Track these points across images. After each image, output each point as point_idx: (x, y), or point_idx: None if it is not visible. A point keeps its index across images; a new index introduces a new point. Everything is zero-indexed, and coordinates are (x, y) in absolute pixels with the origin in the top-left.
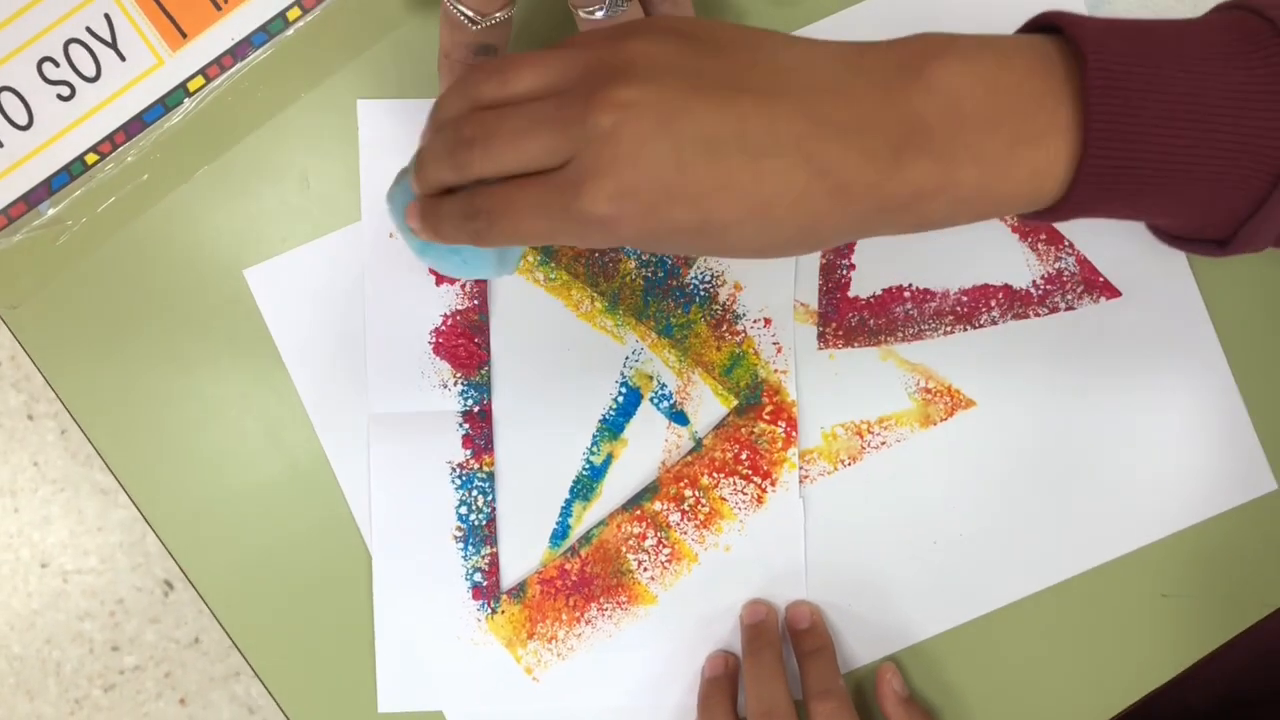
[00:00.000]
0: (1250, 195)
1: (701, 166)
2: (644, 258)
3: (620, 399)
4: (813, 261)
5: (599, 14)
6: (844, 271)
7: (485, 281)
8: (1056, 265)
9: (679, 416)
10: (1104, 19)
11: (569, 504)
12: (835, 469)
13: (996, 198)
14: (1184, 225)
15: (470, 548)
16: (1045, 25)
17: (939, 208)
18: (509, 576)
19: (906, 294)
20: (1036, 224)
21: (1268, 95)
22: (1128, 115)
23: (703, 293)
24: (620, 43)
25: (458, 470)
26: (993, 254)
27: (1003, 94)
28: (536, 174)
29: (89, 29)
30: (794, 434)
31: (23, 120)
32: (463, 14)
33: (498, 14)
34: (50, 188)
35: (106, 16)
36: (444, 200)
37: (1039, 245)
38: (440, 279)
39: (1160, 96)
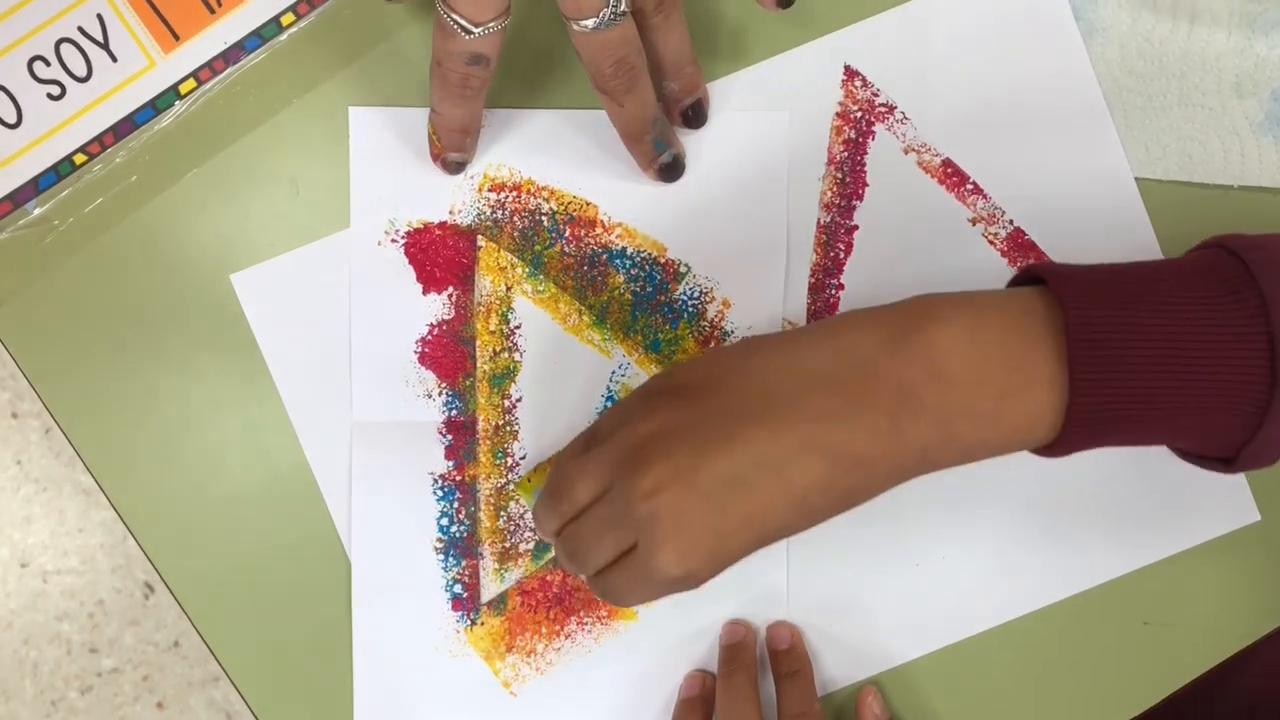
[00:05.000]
0: (1240, 428)
1: (735, 502)
2: (632, 272)
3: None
4: (801, 280)
5: (590, 25)
6: (832, 291)
7: (470, 293)
8: None
9: None
10: (1085, 269)
11: None
12: None
13: (993, 445)
14: (1186, 448)
15: (451, 559)
16: (1032, 277)
17: (946, 457)
18: (489, 588)
19: None
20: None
21: (1242, 339)
22: (1109, 365)
23: (691, 309)
24: (627, 430)
25: (440, 481)
26: (981, 275)
27: (984, 351)
28: (626, 555)
29: (81, 29)
30: None
31: (11, 119)
32: (456, 23)
33: (491, 23)
34: (37, 187)
35: (99, 17)
36: (587, 581)
37: None
38: (428, 288)
39: (1140, 345)
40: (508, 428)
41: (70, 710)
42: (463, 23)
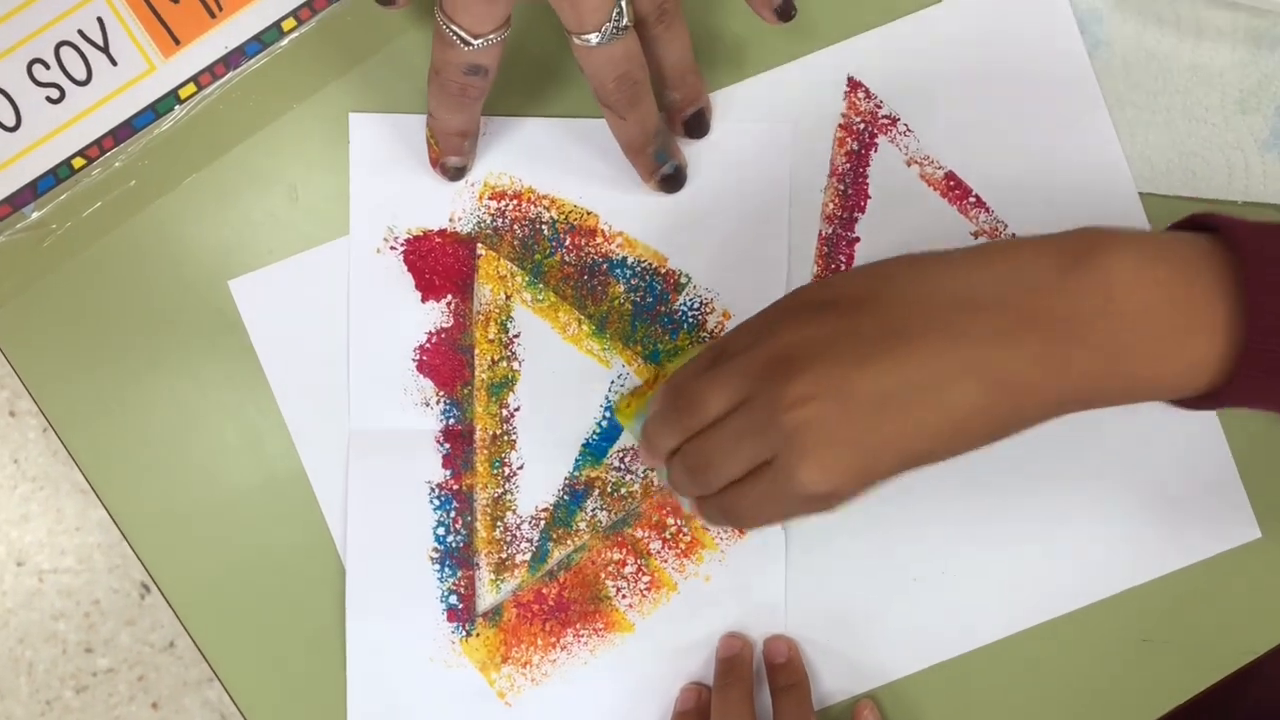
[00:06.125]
0: None
1: (888, 420)
2: (632, 282)
3: (604, 424)
4: None
5: (593, 40)
6: None
7: (470, 301)
8: None
9: None
10: (1253, 222)
11: (549, 528)
12: None
13: (1154, 387)
14: None
15: (446, 569)
16: (1197, 225)
17: (1106, 393)
18: (485, 599)
19: None
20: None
21: None
22: None
23: (691, 319)
24: (771, 340)
25: (437, 491)
26: None
27: (1158, 289)
28: (759, 469)
29: (81, 32)
30: None
31: (10, 121)
32: (456, 34)
33: (491, 35)
34: (36, 190)
35: (99, 20)
36: (704, 502)
37: None
38: (427, 296)
39: None
40: (505, 437)
41: (65, 709)
42: (462, 34)
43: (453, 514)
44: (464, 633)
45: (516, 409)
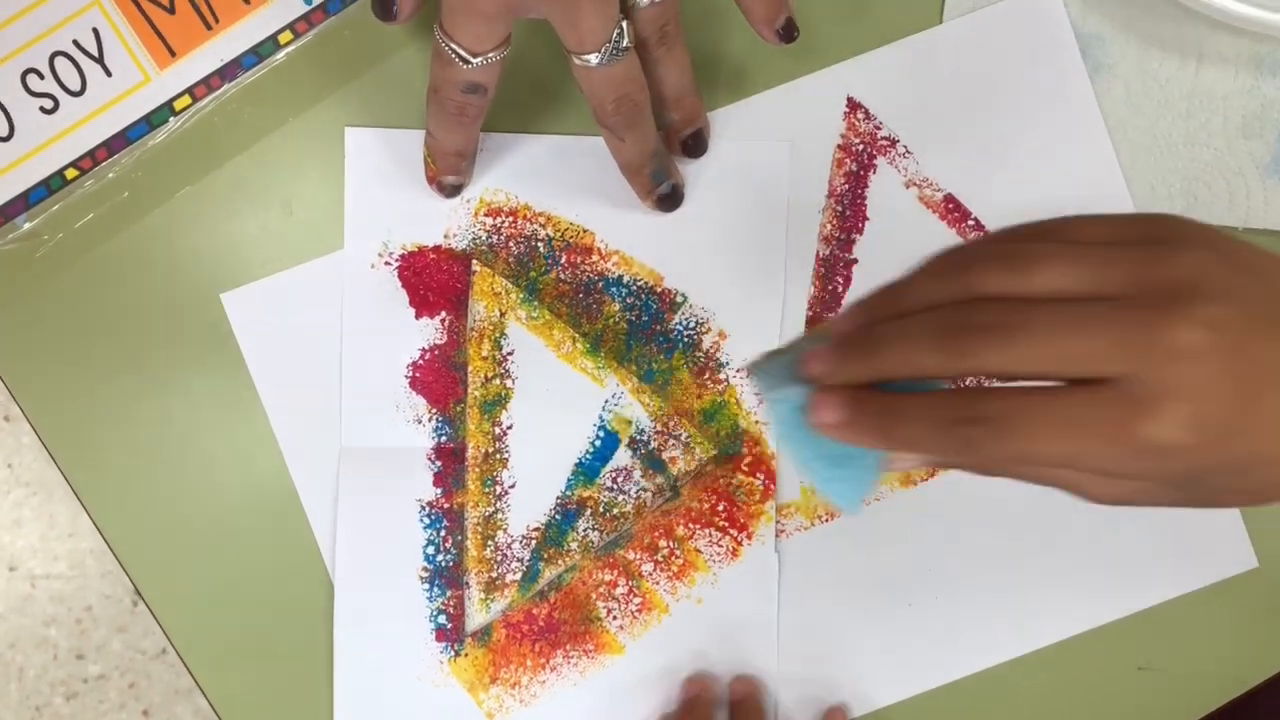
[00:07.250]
0: None
1: (1269, 399)
2: (628, 300)
3: (597, 443)
4: (799, 312)
5: (594, 60)
6: None
7: (464, 318)
8: None
9: (657, 464)
10: None
11: (540, 547)
12: (812, 524)
13: None
14: None
15: (436, 588)
16: None
17: None
18: (475, 619)
19: None
20: None
21: None
22: None
23: (686, 339)
24: (1170, 253)
25: (427, 509)
26: None
27: None
28: (1077, 387)
29: (76, 42)
30: (772, 487)
31: (3, 131)
32: (455, 52)
33: (490, 54)
34: (28, 201)
35: (94, 31)
36: (919, 398)
37: None
38: (421, 312)
39: None
40: (497, 455)
41: (55, 716)
42: (461, 53)
43: (443, 532)
44: (452, 652)
45: (509, 427)
